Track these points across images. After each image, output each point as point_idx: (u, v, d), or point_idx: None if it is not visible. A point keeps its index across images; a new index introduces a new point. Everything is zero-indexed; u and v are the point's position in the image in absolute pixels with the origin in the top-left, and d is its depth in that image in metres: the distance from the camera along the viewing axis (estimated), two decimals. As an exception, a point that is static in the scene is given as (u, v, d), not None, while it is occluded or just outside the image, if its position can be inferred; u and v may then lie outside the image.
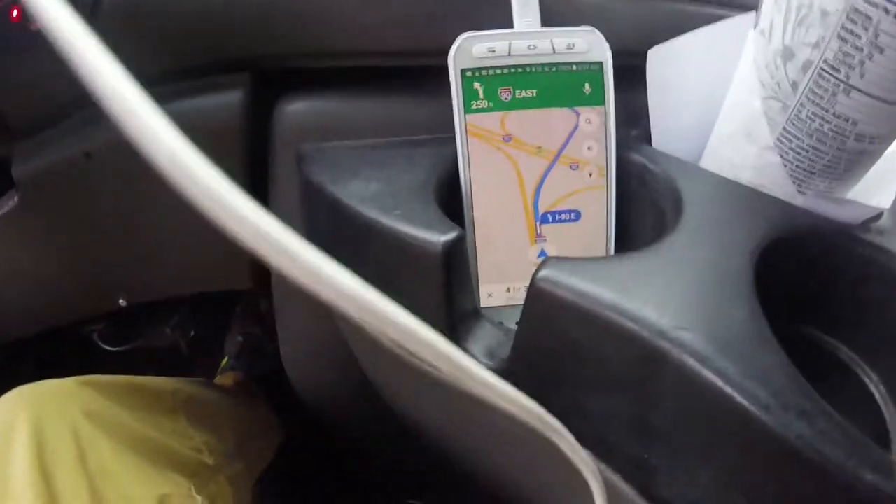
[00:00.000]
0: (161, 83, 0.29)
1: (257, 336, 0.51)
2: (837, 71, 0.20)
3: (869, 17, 0.18)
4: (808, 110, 0.21)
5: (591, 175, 0.24)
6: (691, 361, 0.16)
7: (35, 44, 0.30)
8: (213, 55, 0.28)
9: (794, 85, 0.22)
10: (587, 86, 0.24)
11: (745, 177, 0.24)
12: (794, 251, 0.23)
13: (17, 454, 0.26)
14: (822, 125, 0.21)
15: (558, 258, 0.18)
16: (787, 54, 0.21)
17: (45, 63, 0.29)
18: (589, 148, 0.24)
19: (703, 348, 0.16)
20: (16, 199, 0.34)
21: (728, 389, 0.16)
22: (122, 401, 0.31)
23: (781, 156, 0.23)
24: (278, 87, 0.28)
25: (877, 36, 0.18)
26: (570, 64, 0.24)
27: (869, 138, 0.21)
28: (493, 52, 0.23)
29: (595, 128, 0.24)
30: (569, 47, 0.23)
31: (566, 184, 0.24)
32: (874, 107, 0.20)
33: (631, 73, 0.26)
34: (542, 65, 0.23)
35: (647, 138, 0.27)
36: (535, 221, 0.25)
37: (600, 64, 0.24)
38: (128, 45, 0.29)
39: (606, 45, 0.24)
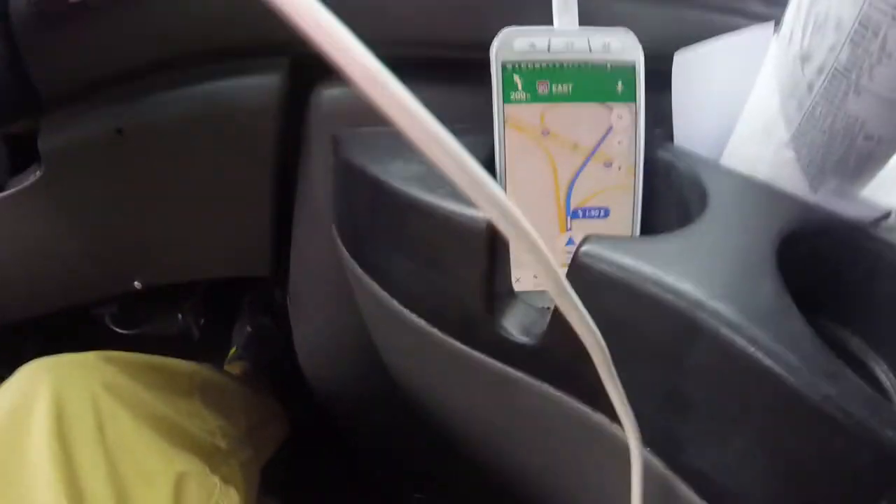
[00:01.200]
0: (203, 61, 0.30)
1: (266, 327, 0.52)
2: (849, 73, 0.22)
3: (879, 25, 0.21)
4: (822, 109, 0.24)
5: (619, 169, 0.26)
6: (726, 330, 0.18)
7: (71, 16, 0.31)
8: (253, 38, 0.29)
9: (810, 86, 0.24)
10: (620, 84, 0.26)
11: (763, 173, 0.27)
12: (809, 244, 0.25)
13: (37, 423, 0.27)
14: (833, 123, 0.24)
15: (599, 236, 0.20)
16: (805, 57, 0.24)
17: (81, 36, 0.30)
18: (619, 143, 0.26)
19: (735, 318, 0.18)
20: (38, 173, 0.35)
21: (759, 354, 0.17)
22: (141, 378, 0.32)
23: (796, 151, 0.25)
24: (317, 71, 0.30)
25: (885, 42, 0.21)
26: (605, 62, 0.26)
27: (877, 139, 0.23)
28: (533, 46, 0.25)
29: (626, 124, 0.26)
30: (604, 46, 0.25)
31: (598, 181, 0.26)
32: (881, 107, 0.22)
33: (656, 76, 0.28)
34: (579, 62, 0.25)
35: (671, 138, 0.29)
36: (567, 215, 0.27)
37: (633, 63, 0.26)
38: (171, 23, 0.31)
39: (639, 47, 0.25)
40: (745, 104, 0.28)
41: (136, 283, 0.38)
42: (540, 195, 0.26)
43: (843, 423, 0.16)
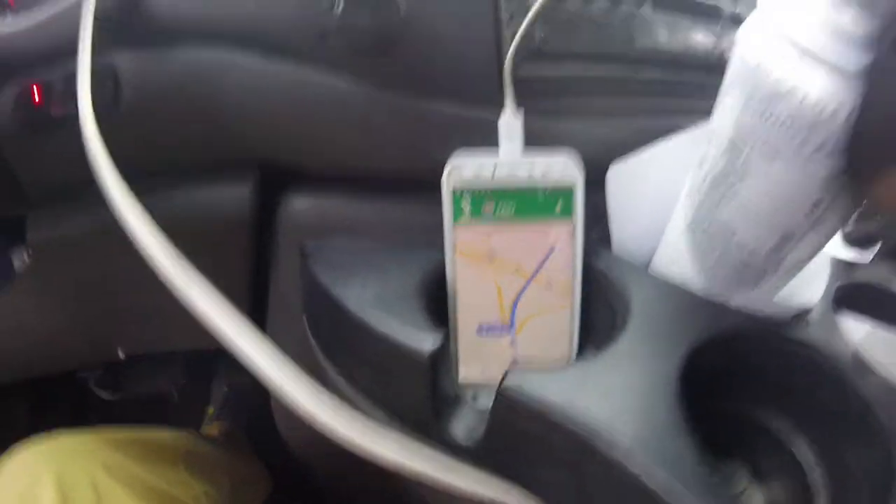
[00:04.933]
0: (174, 172, 0.36)
1: (243, 385, 0.58)
2: (722, 184, 0.28)
3: (743, 147, 0.26)
4: (704, 210, 0.29)
5: (559, 282, 0.32)
6: (616, 454, 0.24)
7: (55, 127, 0.36)
8: (221, 154, 0.34)
9: (700, 187, 0.29)
10: (560, 204, 0.31)
11: (670, 257, 0.32)
12: (727, 347, 0.31)
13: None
14: (709, 225, 0.29)
15: (519, 370, 0.26)
16: (700, 162, 0.29)
17: (65, 145, 0.34)
18: (556, 259, 0.32)
19: (626, 444, 0.24)
20: (26, 258, 0.41)
21: (644, 477, 0.24)
22: (133, 454, 0.38)
23: (688, 243, 0.31)
24: (284, 183, 0.35)
25: (747, 163, 0.26)
26: (545, 187, 0.31)
27: (750, 250, 0.28)
28: (479, 174, 0.31)
29: (564, 242, 0.32)
30: (544, 174, 0.31)
31: (539, 301, 0.32)
32: (747, 220, 0.27)
33: (597, 180, 0.34)
34: (521, 188, 0.31)
35: (607, 237, 0.35)
36: (511, 327, 0.33)
37: (572, 186, 0.30)
38: (143, 140, 0.37)
39: (578, 172, 0.30)
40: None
41: (119, 353, 0.45)
42: (487, 308, 0.32)
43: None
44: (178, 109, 0.34)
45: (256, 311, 0.39)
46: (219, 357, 0.57)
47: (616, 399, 0.25)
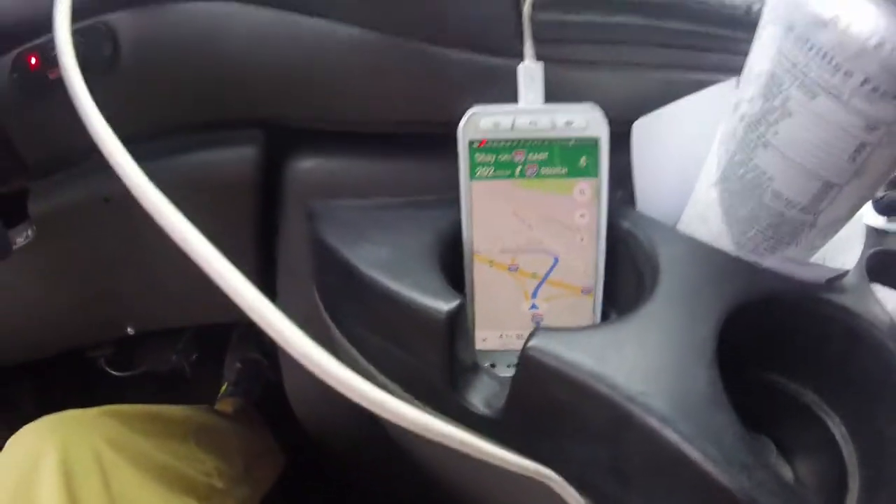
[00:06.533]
0: (176, 135, 0.34)
1: (256, 361, 0.56)
2: (759, 125, 0.25)
3: (783, 83, 0.24)
4: (739, 157, 0.27)
5: (581, 240, 0.30)
6: (654, 422, 0.22)
7: (53, 91, 0.34)
8: (225, 113, 0.32)
9: (734, 132, 0.27)
10: (583, 159, 0.29)
11: (699, 213, 0.29)
12: (760, 312, 0.28)
13: (45, 481, 0.32)
14: (745, 173, 0.27)
15: (546, 329, 0.24)
16: (736, 105, 0.27)
17: (63, 110, 0.34)
18: (581, 216, 0.29)
19: (664, 411, 0.22)
20: (30, 233, 0.39)
21: (683, 446, 0.21)
22: (140, 429, 0.37)
23: (719, 194, 0.28)
24: (290, 143, 0.33)
25: (787, 100, 0.24)
26: (569, 139, 0.29)
27: (786, 200, 0.26)
28: (498, 125, 0.28)
29: (588, 198, 0.29)
30: (567, 123, 0.28)
31: (561, 263, 0.30)
32: (785, 166, 0.25)
33: (621, 137, 0.31)
34: (542, 139, 0.29)
35: (632, 198, 0.32)
36: (532, 291, 0.31)
37: (596, 139, 0.28)
38: (143, 100, 0.35)
39: (604, 122, 0.28)
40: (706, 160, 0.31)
41: (128, 329, 0.43)
42: (506, 273, 0.30)
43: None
44: (179, 67, 0.32)
45: (265, 277, 0.37)
46: (231, 332, 0.56)
47: (651, 363, 0.23)
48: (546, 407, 0.24)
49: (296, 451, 0.52)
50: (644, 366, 0.23)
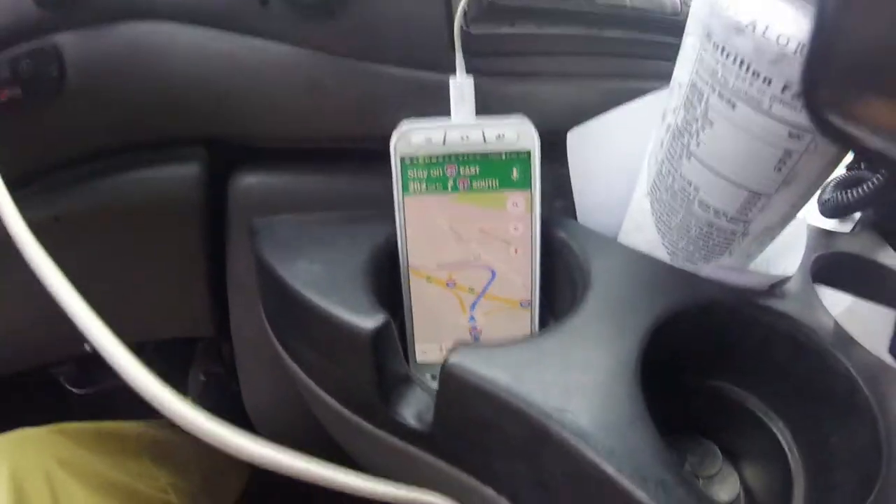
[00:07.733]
0: (122, 152, 0.34)
1: (219, 375, 0.56)
2: (683, 136, 0.25)
3: (703, 93, 0.23)
4: (666, 167, 0.27)
5: (517, 252, 0.29)
6: (571, 438, 0.21)
7: (2, 113, 0.34)
8: (169, 132, 0.32)
9: (662, 142, 0.27)
10: (515, 171, 0.29)
11: (635, 221, 0.29)
12: (700, 320, 0.28)
13: None
14: (672, 183, 0.26)
15: (465, 345, 0.24)
16: (663, 115, 0.27)
17: (13, 132, 0.34)
18: (515, 228, 0.29)
19: (582, 427, 0.22)
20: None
21: (600, 462, 0.21)
22: (91, 447, 0.36)
23: (650, 204, 0.28)
24: (233, 160, 0.33)
25: (707, 111, 0.23)
26: (500, 153, 0.29)
27: (714, 210, 0.26)
28: (430, 140, 0.28)
29: (521, 211, 0.29)
30: (499, 137, 0.28)
31: (497, 275, 0.30)
32: (709, 175, 0.25)
33: (559, 148, 0.31)
34: (475, 153, 0.29)
35: (572, 209, 0.32)
36: (468, 304, 0.30)
37: (528, 152, 0.28)
38: (90, 119, 0.35)
39: (534, 134, 0.28)
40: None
41: (86, 347, 0.43)
42: (442, 287, 0.30)
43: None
44: (124, 86, 0.32)
45: (217, 294, 0.37)
46: (195, 346, 0.55)
47: (571, 378, 0.23)
48: (470, 422, 0.24)
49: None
50: (563, 381, 0.23)
